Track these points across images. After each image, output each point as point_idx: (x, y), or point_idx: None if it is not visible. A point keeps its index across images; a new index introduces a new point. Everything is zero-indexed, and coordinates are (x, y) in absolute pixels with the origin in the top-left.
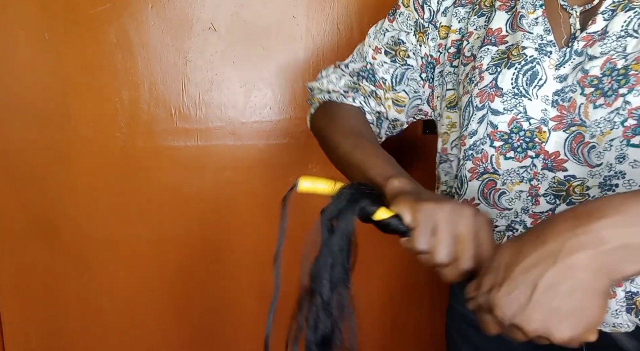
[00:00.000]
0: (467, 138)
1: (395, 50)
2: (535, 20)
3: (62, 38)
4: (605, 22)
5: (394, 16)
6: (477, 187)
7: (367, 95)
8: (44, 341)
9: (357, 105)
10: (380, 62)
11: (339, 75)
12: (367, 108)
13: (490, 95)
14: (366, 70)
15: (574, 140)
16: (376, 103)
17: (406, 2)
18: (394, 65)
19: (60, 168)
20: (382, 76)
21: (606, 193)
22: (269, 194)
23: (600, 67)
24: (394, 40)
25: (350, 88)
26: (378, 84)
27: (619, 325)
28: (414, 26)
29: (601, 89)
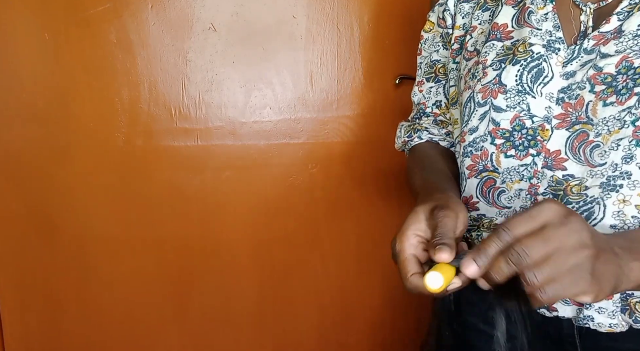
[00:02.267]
0: (467, 134)
1: (434, 71)
2: (544, 16)
3: (62, 38)
4: (620, 22)
5: (420, 49)
6: (475, 185)
7: (428, 127)
8: (44, 341)
9: (424, 140)
10: (427, 90)
11: (400, 128)
12: (435, 138)
13: (494, 92)
14: (418, 112)
15: (576, 138)
16: (440, 127)
17: (428, 27)
18: (440, 84)
19: (60, 168)
20: (435, 101)
21: (608, 193)
22: (269, 194)
23: (615, 65)
24: (428, 65)
25: (411, 130)
26: (434, 113)
27: (614, 325)
28: (441, 41)
29: (614, 87)
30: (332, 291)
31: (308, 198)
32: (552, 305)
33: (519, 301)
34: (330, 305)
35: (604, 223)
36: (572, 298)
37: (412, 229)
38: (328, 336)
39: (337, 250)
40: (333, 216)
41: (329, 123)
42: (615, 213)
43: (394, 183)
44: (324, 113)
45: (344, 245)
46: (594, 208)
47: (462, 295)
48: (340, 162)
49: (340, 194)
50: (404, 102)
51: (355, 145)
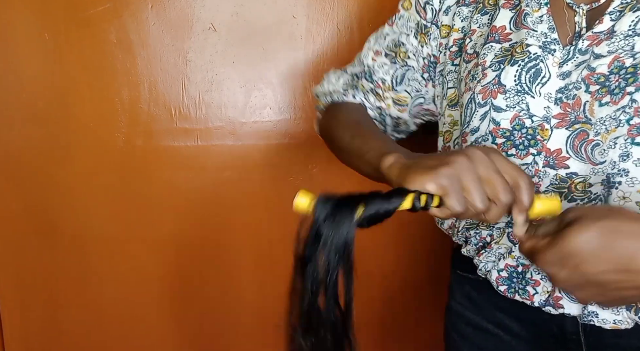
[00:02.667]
0: (468, 135)
1: (396, 51)
2: (539, 18)
3: (62, 38)
4: (613, 22)
5: (393, 21)
6: None
7: (366, 92)
8: (44, 341)
9: (357, 101)
10: (380, 63)
11: (337, 75)
12: (368, 104)
13: (493, 92)
14: (364, 72)
15: (577, 137)
16: (375, 99)
17: (406, 5)
18: (394, 66)
19: (60, 168)
20: (381, 77)
21: (609, 191)
22: (269, 194)
23: (607, 65)
24: (394, 42)
25: (349, 85)
26: (376, 84)
27: (619, 321)
28: (415, 28)
29: (608, 87)
30: None
31: None
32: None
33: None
34: None
35: None
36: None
37: None
38: None
39: None
40: None
41: None
42: None
43: None
44: None
45: None
46: (597, 205)
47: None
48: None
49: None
50: None
51: None
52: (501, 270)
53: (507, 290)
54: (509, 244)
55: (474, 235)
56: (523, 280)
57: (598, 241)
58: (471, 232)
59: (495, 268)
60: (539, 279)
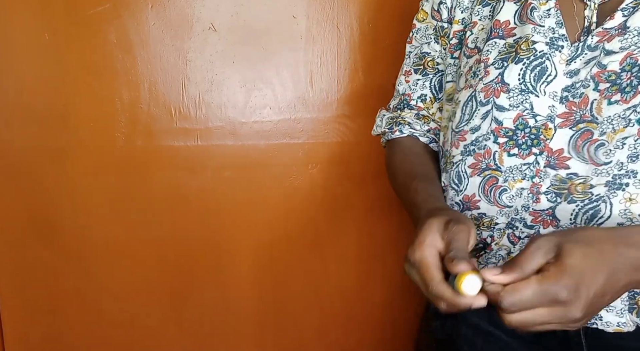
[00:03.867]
0: (468, 133)
1: (422, 63)
2: (547, 12)
3: (62, 38)
4: (625, 17)
5: (411, 38)
6: (478, 183)
7: (409, 123)
8: (44, 341)
9: (405, 135)
10: (414, 81)
11: (381, 116)
12: (417, 133)
13: (496, 91)
14: (402, 102)
15: (580, 137)
16: (422, 123)
17: (421, 17)
18: (427, 78)
19: (60, 168)
20: (420, 94)
21: (614, 192)
22: (269, 194)
23: (619, 62)
24: (418, 56)
25: (393, 123)
26: (417, 107)
27: (622, 324)
28: (434, 33)
29: (619, 85)
30: (332, 292)
31: (308, 198)
32: None
33: None
34: (330, 305)
35: (611, 222)
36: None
37: (429, 240)
38: (328, 336)
39: (337, 250)
40: (333, 216)
41: (329, 123)
42: (622, 212)
43: None
44: (324, 113)
45: (344, 245)
46: (600, 207)
47: None
48: (340, 162)
49: (340, 194)
50: None
51: (355, 145)
52: None
53: None
54: (509, 245)
55: None
56: None
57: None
58: None
59: None
60: None
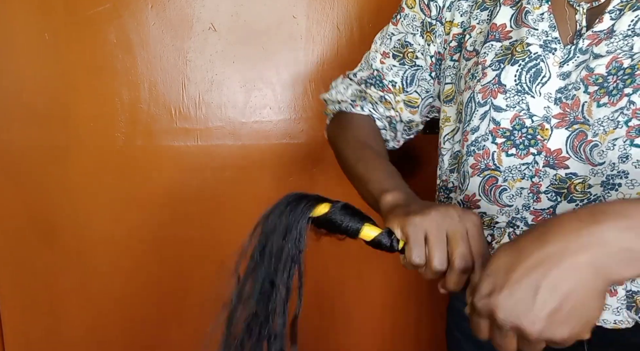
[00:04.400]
0: (469, 134)
1: (403, 52)
2: (540, 16)
3: (62, 38)
4: (612, 21)
5: (397, 19)
6: (478, 183)
7: (375, 102)
8: (43, 341)
9: (366, 113)
10: (389, 65)
11: (346, 85)
12: (377, 115)
13: (493, 92)
14: (373, 77)
15: (576, 138)
16: (385, 108)
17: (410, 3)
18: (403, 68)
19: (60, 168)
20: (391, 79)
21: (609, 192)
22: (269, 194)
23: (605, 66)
24: (400, 43)
25: (358, 97)
26: (386, 89)
27: (619, 321)
28: (420, 27)
29: (606, 88)
30: (332, 292)
31: None
32: None
33: None
34: (330, 306)
35: None
36: None
37: None
38: (328, 336)
39: (337, 250)
40: None
41: None
42: None
43: None
44: (324, 113)
45: (344, 245)
46: None
47: None
48: None
49: (340, 194)
50: None
51: None
52: None
53: None
54: None
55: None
56: None
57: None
58: None
59: None
60: None
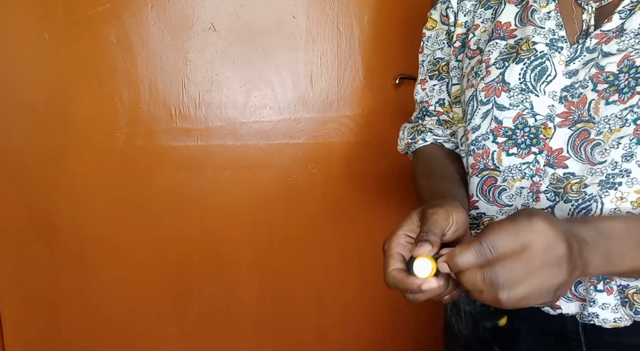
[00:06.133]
0: (469, 133)
1: (437, 69)
2: (547, 15)
3: (62, 38)
4: (622, 20)
5: (422, 47)
6: (476, 183)
7: (432, 128)
8: (43, 340)
9: (429, 143)
10: (430, 88)
11: (403, 129)
12: (440, 139)
13: (497, 90)
14: (421, 110)
15: (577, 137)
16: (444, 128)
17: (430, 25)
18: (443, 82)
19: (60, 168)
20: (438, 99)
21: (607, 191)
22: (269, 194)
23: (617, 64)
24: (431, 63)
25: (415, 132)
26: (437, 112)
27: (619, 319)
28: (446, 38)
29: (617, 86)
30: (332, 291)
31: (308, 198)
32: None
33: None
34: (330, 305)
35: None
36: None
37: (403, 230)
38: (328, 336)
39: (337, 250)
40: (333, 216)
41: (329, 123)
42: (612, 211)
43: (394, 183)
44: (324, 113)
45: (344, 245)
46: (592, 206)
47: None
48: (340, 162)
49: (340, 194)
50: (404, 102)
51: (355, 145)
52: None
53: None
54: None
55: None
56: None
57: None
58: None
59: None
60: None
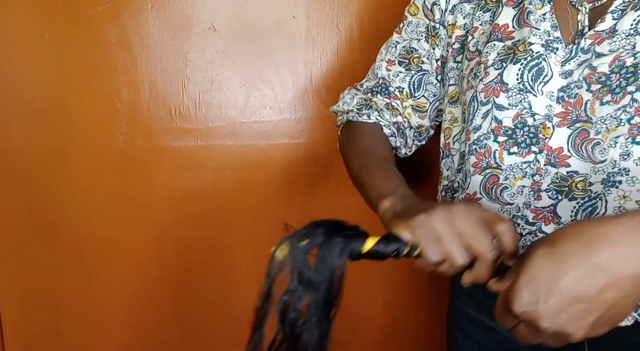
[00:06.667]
0: (471, 133)
1: (409, 58)
2: (542, 16)
3: (62, 38)
4: (614, 21)
5: (401, 28)
6: (479, 182)
7: (381, 110)
8: (44, 341)
9: (372, 121)
10: (395, 72)
11: (352, 95)
12: (384, 122)
13: (496, 91)
14: (379, 86)
15: (578, 136)
16: (392, 114)
17: (413, 10)
18: (409, 73)
19: (60, 168)
20: (398, 85)
21: (609, 190)
22: (269, 194)
23: (608, 64)
24: (405, 49)
25: (364, 105)
26: (393, 95)
27: None
28: (425, 31)
29: (609, 86)
30: None
31: (308, 198)
32: None
33: None
34: None
35: None
36: None
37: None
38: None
39: None
40: (333, 216)
41: (329, 123)
42: (617, 209)
43: None
44: (324, 113)
45: None
46: (597, 204)
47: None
48: (340, 162)
49: (340, 194)
50: None
51: None
52: None
53: None
54: None
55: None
56: None
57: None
58: None
59: None
60: None
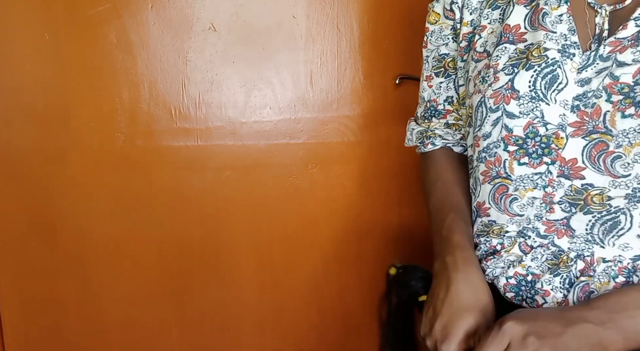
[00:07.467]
0: (480, 139)
1: (443, 65)
2: (559, 18)
3: (62, 38)
4: (638, 28)
5: (425, 42)
6: (488, 191)
7: (441, 134)
8: (44, 341)
9: (438, 147)
10: (437, 85)
11: (411, 129)
12: (450, 143)
13: (506, 97)
14: (428, 109)
15: (594, 148)
16: (454, 131)
17: (433, 18)
18: (450, 79)
19: (60, 168)
20: (445, 98)
21: (635, 204)
22: (269, 194)
23: (632, 75)
24: (436, 59)
25: (424, 136)
26: (445, 113)
27: None
28: (451, 33)
29: (632, 98)
30: (332, 291)
31: (308, 198)
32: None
33: None
34: (330, 305)
35: (631, 233)
36: None
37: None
38: (328, 336)
39: (337, 250)
40: (333, 216)
41: (329, 123)
42: None
43: (394, 183)
44: (324, 113)
45: (344, 245)
46: (620, 219)
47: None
48: (340, 162)
49: (340, 194)
50: (404, 102)
51: (355, 145)
52: (510, 277)
53: (514, 297)
54: (520, 253)
55: (483, 242)
56: (532, 289)
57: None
58: (481, 239)
59: (503, 275)
60: (550, 289)
